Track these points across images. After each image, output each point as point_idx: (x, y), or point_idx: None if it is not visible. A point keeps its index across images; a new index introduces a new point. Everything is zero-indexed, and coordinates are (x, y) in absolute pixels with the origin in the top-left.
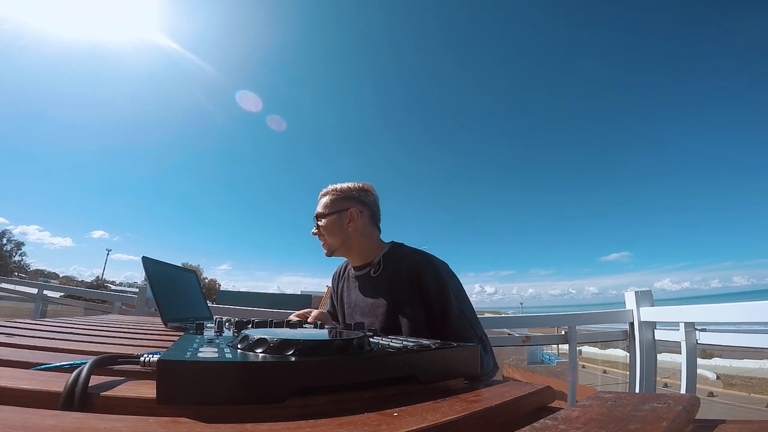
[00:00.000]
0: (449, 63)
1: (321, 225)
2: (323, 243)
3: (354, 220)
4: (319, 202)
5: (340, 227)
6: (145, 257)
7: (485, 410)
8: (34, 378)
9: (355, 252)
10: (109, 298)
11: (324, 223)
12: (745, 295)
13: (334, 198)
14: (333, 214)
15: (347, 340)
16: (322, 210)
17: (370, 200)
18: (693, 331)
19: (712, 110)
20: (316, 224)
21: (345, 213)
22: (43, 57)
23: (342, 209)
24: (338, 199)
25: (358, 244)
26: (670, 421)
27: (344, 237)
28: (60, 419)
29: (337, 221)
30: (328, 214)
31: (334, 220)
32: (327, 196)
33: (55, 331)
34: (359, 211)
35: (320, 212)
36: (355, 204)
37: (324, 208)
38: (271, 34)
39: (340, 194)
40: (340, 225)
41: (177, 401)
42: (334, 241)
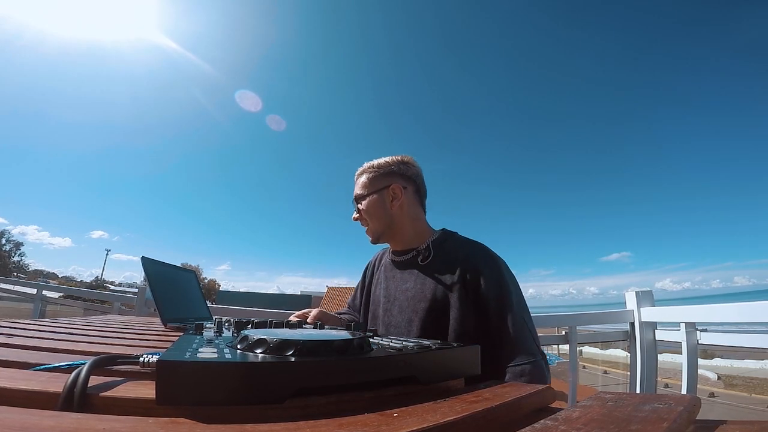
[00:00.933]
0: (449, 63)
1: (362, 208)
2: (367, 229)
3: (398, 198)
4: (357, 182)
5: (383, 208)
6: (145, 257)
7: (486, 411)
8: (33, 378)
9: (400, 235)
10: (109, 298)
11: (365, 206)
12: (746, 296)
13: (373, 176)
14: (373, 193)
15: (347, 341)
16: (361, 191)
17: (412, 173)
18: (694, 332)
19: (714, 110)
20: (356, 208)
21: (387, 191)
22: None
23: (383, 187)
24: (377, 176)
25: (404, 226)
26: (671, 422)
27: (389, 219)
28: (59, 420)
29: (379, 201)
30: (368, 194)
31: (376, 200)
32: (364, 175)
33: (54, 331)
34: (402, 187)
35: (359, 194)
36: (397, 179)
37: (363, 189)
38: (270, 33)
39: (378, 171)
40: (382, 205)
41: (176, 402)
42: (378, 224)
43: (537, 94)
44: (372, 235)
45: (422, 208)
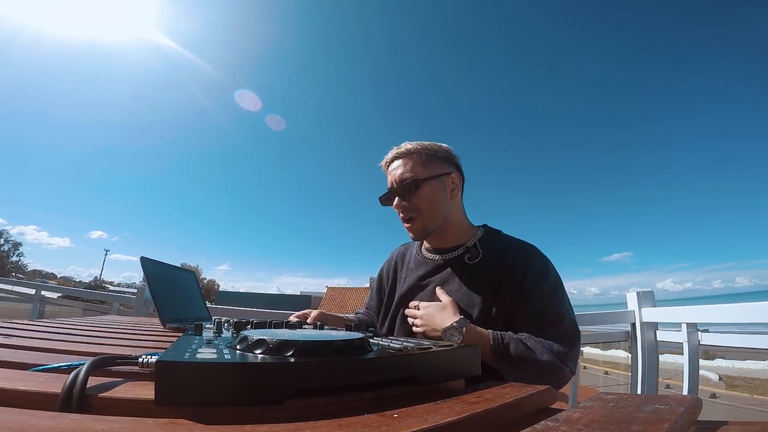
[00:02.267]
0: (449, 63)
1: (419, 193)
2: (411, 221)
3: (458, 188)
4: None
5: (444, 197)
6: (144, 257)
7: (486, 411)
8: (32, 379)
9: (452, 230)
10: (108, 298)
11: (424, 192)
12: (747, 296)
13: (432, 158)
14: (434, 178)
15: (347, 341)
16: (417, 173)
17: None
18: (695, 332)
19: (715, 110)
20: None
21: (447, 178)
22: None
23: (444, 173)
24: (437, 159)
25: (458, 220)
26: (672, 423)
27: (448, 210)
28: (58, 420)
29: (441, 189)
30: (428, 177)
31: (437, 187)
32: (417, 155)
33: (52, 331)
34: (461, 179)
35: (414, 177)
36: (455, 169)
37: (418, 171)
38: (270, 33)
39: (437, 153)
40: (444, 194)
41: (176, 402)
42: (436, 215)
43: (537, 95)
44: (422, 227)
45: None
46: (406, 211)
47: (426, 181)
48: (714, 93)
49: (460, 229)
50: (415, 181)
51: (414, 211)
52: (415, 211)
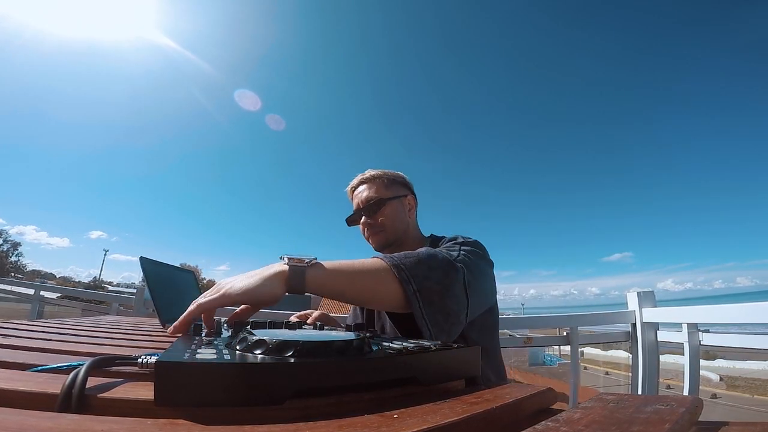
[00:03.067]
0: (449, 63)
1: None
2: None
3: (413, 209)
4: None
5: (403, 215)
6: (143, 258)
7: (486, 412)
8: (31, 379)
9: (408, 244)
10: (107, 298)
11: (387, 210)
12: (748, 296)
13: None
14: (395, 198)
15: (347, 342)
16: (384, 193)
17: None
18: (696, 332)
19: (715, 110)
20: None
21: (405, 199)
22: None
23: (402, 195)
24: (396, 184)
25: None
26: (673, 423)
27: (405, 226)
28: (57, 421)
29: (400, 208)
30: (390, 198)
31: (398, 205)
32: (380, 180)
33: (52, 332)
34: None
35: (378, 197)
36: (409, 192)
37: (386, 191)
38: (270, 32)
39: (395, 179)
40: (403, 212)
41: (175, 403)
42: (396, 230)
43: (537, 95)
44: (384, 240)
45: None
46: (372, 227)
47: (389, 200)
48: (714, 93)
49: (414, 242)
50: (379, 201)
51: (379, 227)
52: (380, 227)
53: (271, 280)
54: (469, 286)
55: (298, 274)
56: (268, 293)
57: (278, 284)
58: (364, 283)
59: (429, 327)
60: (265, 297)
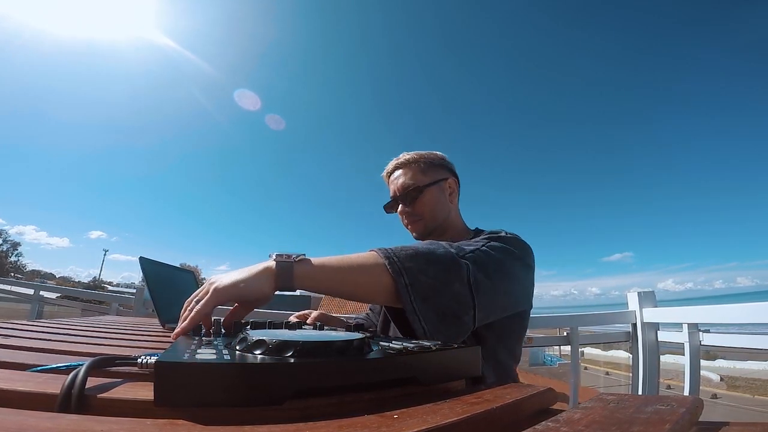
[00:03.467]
0: (449, 62)
1: (422, 199)
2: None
3: (455, 193)
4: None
5: (444, 201)
6: (143, 258)
7: (486, 412)
8: (31, 380)
9: (449, 235)
10: (106, 299)
11: (425, 196)
12: (749, 296)
13: (430, 165)
14: (434, 184)
15: (347, 342)
16: (418, 181)
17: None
18: (696, 333)
19: (717, 110)
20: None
21: (445, 183)
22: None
23: (441, 179)
24: (435, 166)
25: (455, 225)
26: (673, 424)
27: (447, 212)
28: (56, 421)
29: (440, 193)
30: (429, 184)
31: (436, 191)
32: (416, 165)
33: (51, 332)
34: (457, 183)
35: (415, 184)
36: (451, 175)
37: (419, 179)
38: (270, 32)
39: (434, 161)
40: (444, 198)
41: (175, 403)
42: (437, 217)
43: (537, 94)
44: (423, 229)
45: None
46: (410, 216)
47: (427, 187)
48: (715, 93)
49: (457, 231)
50: (417, 188)
51: (417, 216)
52: (418, 215)
53: (259, 277)
54: (476, 285)
55: (286, 269)
56: (257, 290)
57: (266, 281)
58: (354, 277)
59: (422, 324)
60: (253, 294)
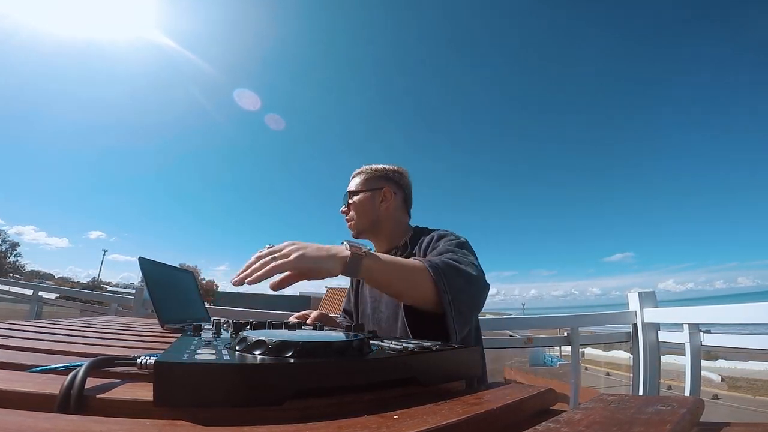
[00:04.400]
0: (453, 58)
1: (352, 203)
2: (351, 223)
3: (387, 201)
4: (352, 181)
5: (372, 206)
6: (142, 258)
7: (487, 413)
8: (30, 380)
9: (383, 235)
10: (106, 299)
11: (355, 201)
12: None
13: (369, 177)
14: (366, 191)
15: (347, 342)
16: (355, 188)
17: (404, 183)
18: (697, 333)
19: (719, 110)
20: (346, 202)
21: (378, 192)
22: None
23: (376, 188)
24: (372, 177)
25: (388, 227)
26: (674, 424)
27: (374, 217)
28: (55, 422)
29: (370, 200)
30: (360, 191)
31: (367, 198)
32: (361, 175)
33: (50, 332)
34: (393, 192)
35: (352, 189)
36: (390, 184)
37: (357, 186)
38: (270, 30)
39: (375, 173)
40: (372, 204)
41: (174, 404)
42: (363, 220)
43: (540, 93)
44: (354, 229)
45: (408, 214)
46: (348, 215)
47: (359, 192)
48: (717, 93)
49: (395, 233)
50: (351, 192)
51: (349, 217)
52: (351, 216)
53: (335, 260)
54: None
55: (356, 260)
56: (326, 271)
57: (338, 265)
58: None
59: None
60: (322, 273)
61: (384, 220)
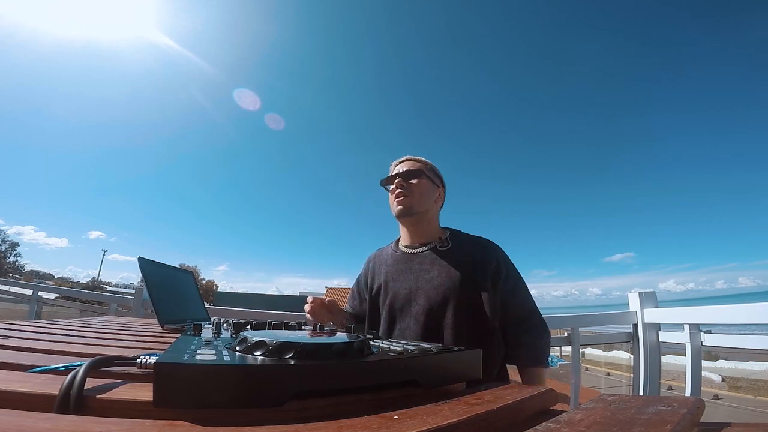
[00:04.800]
0: (454, 57)
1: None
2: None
3: (439, 200)
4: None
5: (431, 195)
6: (142, 258)
7: (487, 413)
8: (29, 380)
9: (423, 228)
10: (105, 299)
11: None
12: (750, 297)
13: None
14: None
15: (347, 344)
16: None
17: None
18: (698, 333)
19: (719, 109)
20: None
21: (437, 188)
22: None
23: (438, 184)
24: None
25: (431, 223)
26: (675, 425)
27: (430, 206)
28: (55, 422)
29: (432, 189)
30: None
31: (430, 187)
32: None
33: (50, 332)
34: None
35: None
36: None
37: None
38: (270, 29)
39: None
40: (431, 194)
41: (174, 404)
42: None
43: (541, 91)
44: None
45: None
46: (403, 189)
47: (427, 176)
48: (719, 92)
49: (433, 229)
50: (419, 170)
51: (409, 192)
52: (410, 190)
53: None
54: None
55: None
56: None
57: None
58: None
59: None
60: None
61: (432, 214)
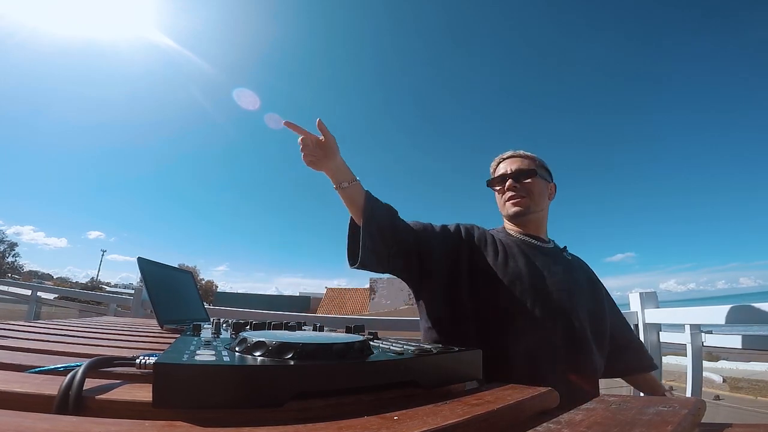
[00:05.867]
0: (455, 57)
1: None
2: (522, 200)
3: (552, 197)
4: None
5: (545, 193)
6: (141, 258)
7: (487, 414)
8: (28, 381)
9: (542, 225)
10: (105, 299)
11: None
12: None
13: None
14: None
15: (348, 344)
16: (539, 169)
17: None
18: (699, 333)
19: (720, 108)
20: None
21: (549, 185)
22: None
23: (549, 180)
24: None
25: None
26: (676, 425)
27: (544, 205)
28: (54, 423)
29: (545, 188)
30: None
31: (543, 185)
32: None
33: (49, 333)
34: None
35: (537, 168)
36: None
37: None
38: (269, 29)
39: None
40: (546, 191)
41: (173, 405)
42: (539, 202)
43: (541, 90)
44: (526, 206)
45: None
46: (518, 190)
47: (534, 174)
48: (719, 92)
49: (545, 226)
50: (533, 170)
51: (525, 192)
52: (526, 192)
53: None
54: None
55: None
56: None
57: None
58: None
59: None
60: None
61: (546, 213)
